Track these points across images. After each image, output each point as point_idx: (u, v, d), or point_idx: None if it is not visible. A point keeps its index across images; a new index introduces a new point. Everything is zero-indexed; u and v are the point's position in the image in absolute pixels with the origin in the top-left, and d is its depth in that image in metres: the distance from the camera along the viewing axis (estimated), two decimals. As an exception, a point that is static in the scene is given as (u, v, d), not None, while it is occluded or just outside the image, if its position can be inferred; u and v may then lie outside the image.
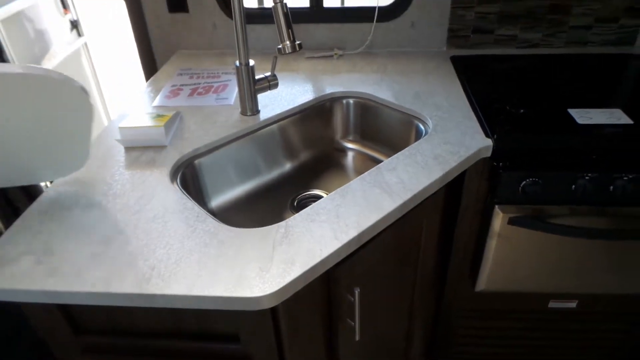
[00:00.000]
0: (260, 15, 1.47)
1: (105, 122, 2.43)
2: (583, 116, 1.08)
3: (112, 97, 2.75)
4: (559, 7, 1.40)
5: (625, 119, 1.07)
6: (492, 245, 1.14)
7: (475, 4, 1.40)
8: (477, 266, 1.21)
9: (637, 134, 1.03)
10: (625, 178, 1.01)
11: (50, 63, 1.94)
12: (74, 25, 2.22)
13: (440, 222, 1.09)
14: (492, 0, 1.40)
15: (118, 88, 3.46)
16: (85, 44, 2.29)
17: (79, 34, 2.26)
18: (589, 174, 1.01)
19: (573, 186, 1.02)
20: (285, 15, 0.87)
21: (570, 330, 1.37)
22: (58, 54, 2.03)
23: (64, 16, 2.16)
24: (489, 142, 1.01)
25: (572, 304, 1.32)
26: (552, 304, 1.32)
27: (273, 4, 0.87)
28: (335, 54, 1.47)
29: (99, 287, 0.68)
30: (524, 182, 1.02)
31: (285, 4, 0.87)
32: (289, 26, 0.88)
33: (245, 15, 1.05)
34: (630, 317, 1.35)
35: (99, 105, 2.42)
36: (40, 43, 1.92)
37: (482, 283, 1.22)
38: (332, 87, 1.28)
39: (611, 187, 1.02)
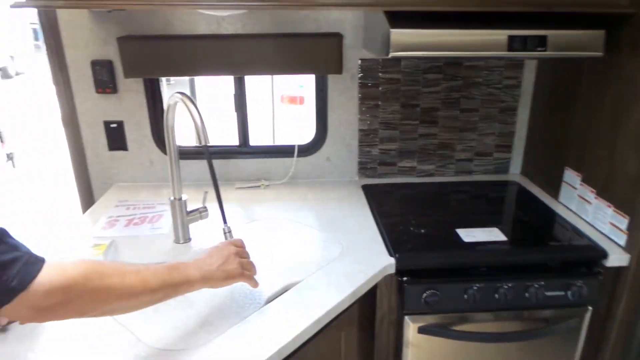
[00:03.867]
0: (194, 152, 1.65)
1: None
2: (468, 235, 1.30)
3: (44, 224, 2.72)
4: (445, 144, 1.72)
5: (501, 237, 1.30)
6: (408, 354, 1.25)
7: (378, 142, 1.69)
8: (398, 376, 1.29)
9: (510, 250, 1.25)
10: (505, 287, 1.20)
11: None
12: (9, 157, 2.29)
13: (358, 335, 1.20)
14: (392, 140, 1.69)
15: (50, 216, 3.40)
16: (18, 174, 2.34)
17: (14, 165, 2.32)
18: (477, 285, 1.19)
19: (465, 295, 1.19)
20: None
21: None
22: (-11, 186, 2.06)
23: (1, 149, 2.24)
24: (392, 260, 1.18)
25: (489, 408, 1.41)
26: (471, 410, 1.40)
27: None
28: (262, 184, 1.65)
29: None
30: (425, 294, 1.18)
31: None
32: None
33: (179, 153, 1.22)
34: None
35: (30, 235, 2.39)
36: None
37: (405, 393, 1.30)
38: (258, 214, 1.44)
39: (496, 295, 1.20)
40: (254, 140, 1.74)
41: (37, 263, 0.66)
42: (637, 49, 1.17)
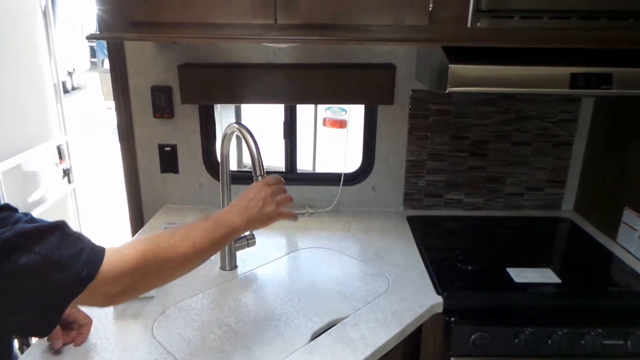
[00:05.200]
0: (240, 177, 1.68)
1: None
2: (519, 275, 1.25)
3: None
4: (494, 178, 1.68)
5: (554, 278, 1.24)
6: (452, 397, 1.20)
7: (425, 173, 1.67)
8: (440, 419, 1.24)
9: (565, 293, 1.20)
10: (560, 333, 1.14)
11: (39, 209, 2.06)
12: (66, 173, 2.41)
13: (402, 375, 1.16)
14: (439, 172, 1.67)
15: (101, 233, 3.48)
16: (74, 190, 2.45)
17: (69, 181, 2.44)
18: (529, 329, 1.14)
19: (516, 339, 1.14)
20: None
21: None
22: (48, 200, 2.17)
23: (59, 165, 2.36)
24: (440, 299, 1.15)
25: None
26: None
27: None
28: (307, 212, 1.66)
29: None
30: (473, 336, 1.14)
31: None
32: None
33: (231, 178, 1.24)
34: None
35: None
36: (33, 191, 2.07)
37: None
38: (302, 242, 1.44)
39: (549, 341, 1.14)
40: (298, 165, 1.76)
41: (100, 252, 0.71)
42: None
